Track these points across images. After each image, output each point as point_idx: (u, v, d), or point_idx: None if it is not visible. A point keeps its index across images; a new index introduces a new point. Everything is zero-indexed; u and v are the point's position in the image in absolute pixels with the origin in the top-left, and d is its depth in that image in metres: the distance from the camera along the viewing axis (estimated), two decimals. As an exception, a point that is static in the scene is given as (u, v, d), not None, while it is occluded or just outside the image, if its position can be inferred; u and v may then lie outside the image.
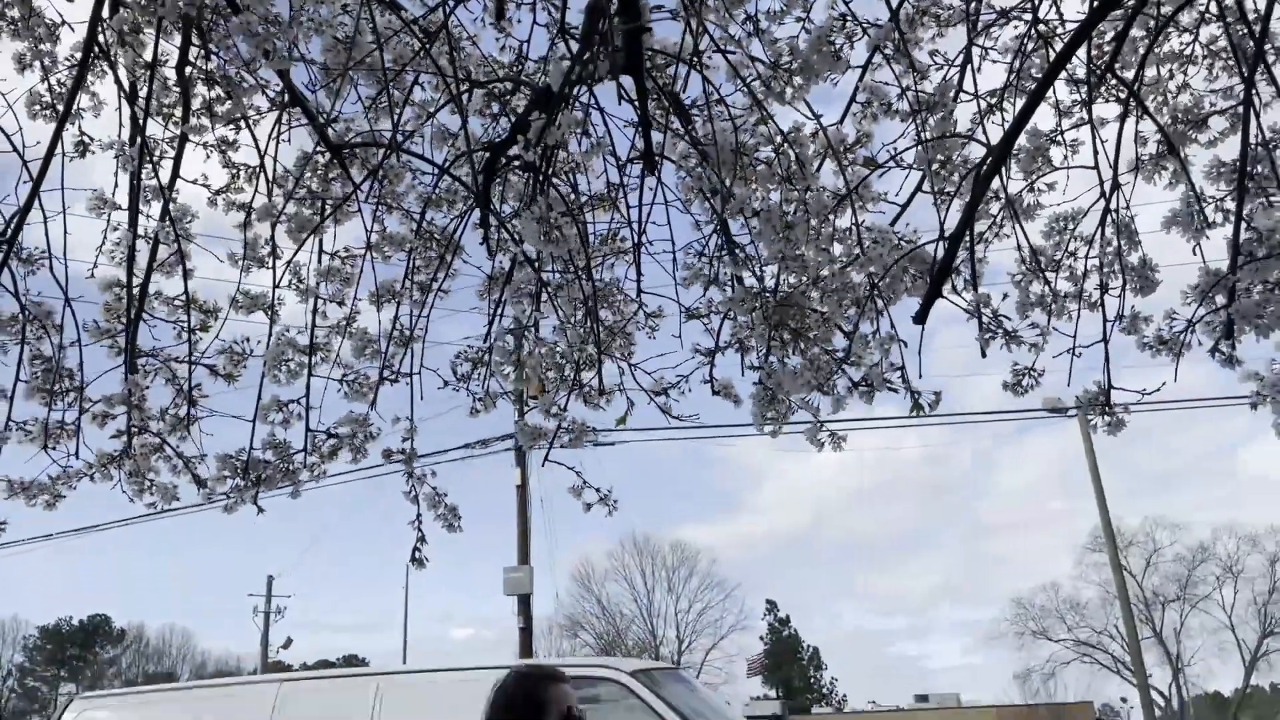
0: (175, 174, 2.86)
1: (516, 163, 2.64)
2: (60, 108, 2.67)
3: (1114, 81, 2.66)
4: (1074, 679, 58.93)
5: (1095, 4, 2.50)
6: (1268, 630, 52.51)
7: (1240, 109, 2.50)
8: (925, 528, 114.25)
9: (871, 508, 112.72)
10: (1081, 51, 2.61)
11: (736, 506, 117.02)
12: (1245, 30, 2.61)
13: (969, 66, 2.68)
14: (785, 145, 2.51)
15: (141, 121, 2.78)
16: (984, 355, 2.53)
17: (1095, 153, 2.62)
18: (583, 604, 72.90)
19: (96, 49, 2.77)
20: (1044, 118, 2.88)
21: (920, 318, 2.50)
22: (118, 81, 2.75)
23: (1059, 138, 2.71)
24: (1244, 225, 2.48)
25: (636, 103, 2.50)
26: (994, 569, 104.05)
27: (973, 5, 2.82)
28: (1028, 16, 2.90)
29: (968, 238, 2.46)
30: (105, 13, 2.69)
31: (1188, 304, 2.60)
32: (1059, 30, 2.87)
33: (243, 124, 2.85)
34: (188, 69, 2.87)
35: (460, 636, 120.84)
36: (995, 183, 2.58)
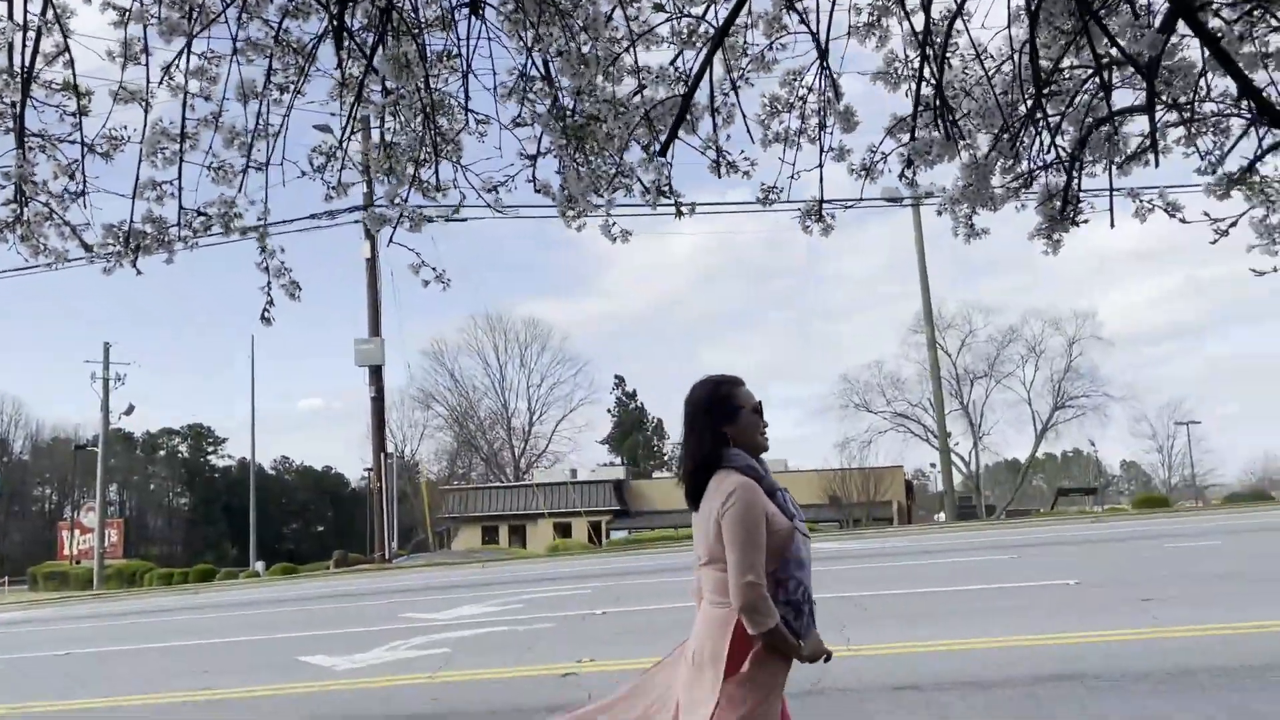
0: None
1: (365, -10, 3.02)
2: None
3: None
4: (888, 446, 64.79)
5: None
6: (1059, 404, 58.81)
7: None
8: (767, 309, 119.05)
9: (716, 289, 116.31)
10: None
11: (588, 286, 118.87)
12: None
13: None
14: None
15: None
16: (719, 177, 3.19)
17: (817, 20, 3.21)
18: (435, 378, 74.38)
19: None
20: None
21: (661, 151, 3.10)
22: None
23: (794, 6, 3.27)
24: (924, 82, 3.14)
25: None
26: (827, 348, 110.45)
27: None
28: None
29: (710, 87, 3.05)
30: None
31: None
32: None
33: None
34: None
35: (308, 407, 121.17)
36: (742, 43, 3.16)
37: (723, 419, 3.31)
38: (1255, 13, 2.87)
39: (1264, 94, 2.65)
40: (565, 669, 9.55)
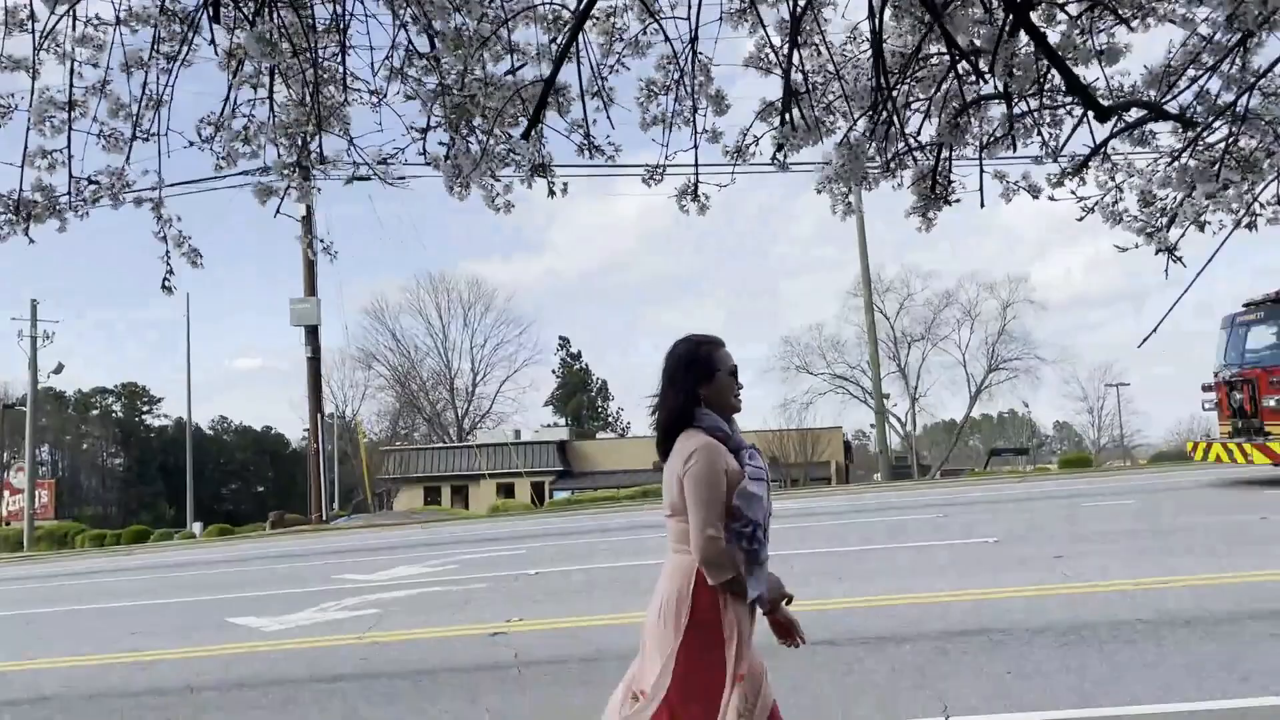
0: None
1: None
2: None
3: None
4: (827, 408, 65.78)
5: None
6: (993, 366, 60.26)
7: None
8: (713, 271, 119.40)
9: (663, 250, 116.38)
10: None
11: (534, 246, 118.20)
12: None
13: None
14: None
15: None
16: (591, 157, 3.27)
17: (688, 7, 3.30)
18: (376, 337, 73.54)
19: None
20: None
21: (525, 135, 3.17)
22: None
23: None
24: (794, 68, 3.25)
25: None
26: (773, 311, 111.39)
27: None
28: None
29: (578, 70, 3.13)
30: None
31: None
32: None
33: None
34: None
35: (247, 366, 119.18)
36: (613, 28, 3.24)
37: (700, 379, 3.46)
38: (1096, 9, 3.02)
39: (1089, 89, 2.81)
40: (494, 628, 9.69)
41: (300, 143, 3.35)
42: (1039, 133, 3.40)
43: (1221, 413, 20.40)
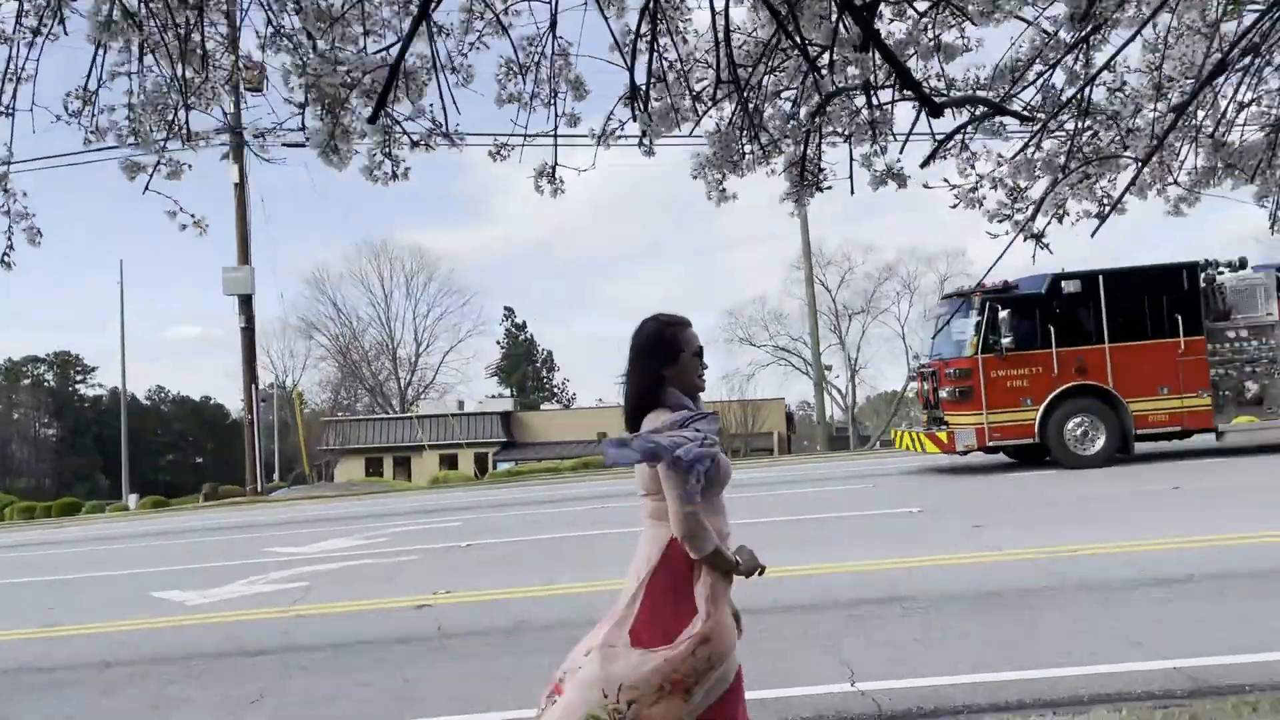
0: None
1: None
2: None
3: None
4: (770, 379, 66.47)
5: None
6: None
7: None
8: (659, 243, 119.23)
9: (611, 221, 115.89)
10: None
11: (478, 215, 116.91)
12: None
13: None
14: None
15: None
16: (454, 147, 3.30)
17: None
18: (317, 306, 72.47)
19: None
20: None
21: (371, 120, 3.19)
22: None
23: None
24: (655, 54, 3.31)
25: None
26: (716, 282, 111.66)
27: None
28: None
29: (433, 53, 3.14)
30: None
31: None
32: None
33: None
34: None
35: (184, 335, 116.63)
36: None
37: (665, 360, 3.54)
38: (942, 6, 3.11)
39: (922, 86, 2.90)
40: (420, 601, 9.72)
41: (170, 118, 3.32)
42: (889, 129, 3.49)
43: (920, 402, 21.18)
